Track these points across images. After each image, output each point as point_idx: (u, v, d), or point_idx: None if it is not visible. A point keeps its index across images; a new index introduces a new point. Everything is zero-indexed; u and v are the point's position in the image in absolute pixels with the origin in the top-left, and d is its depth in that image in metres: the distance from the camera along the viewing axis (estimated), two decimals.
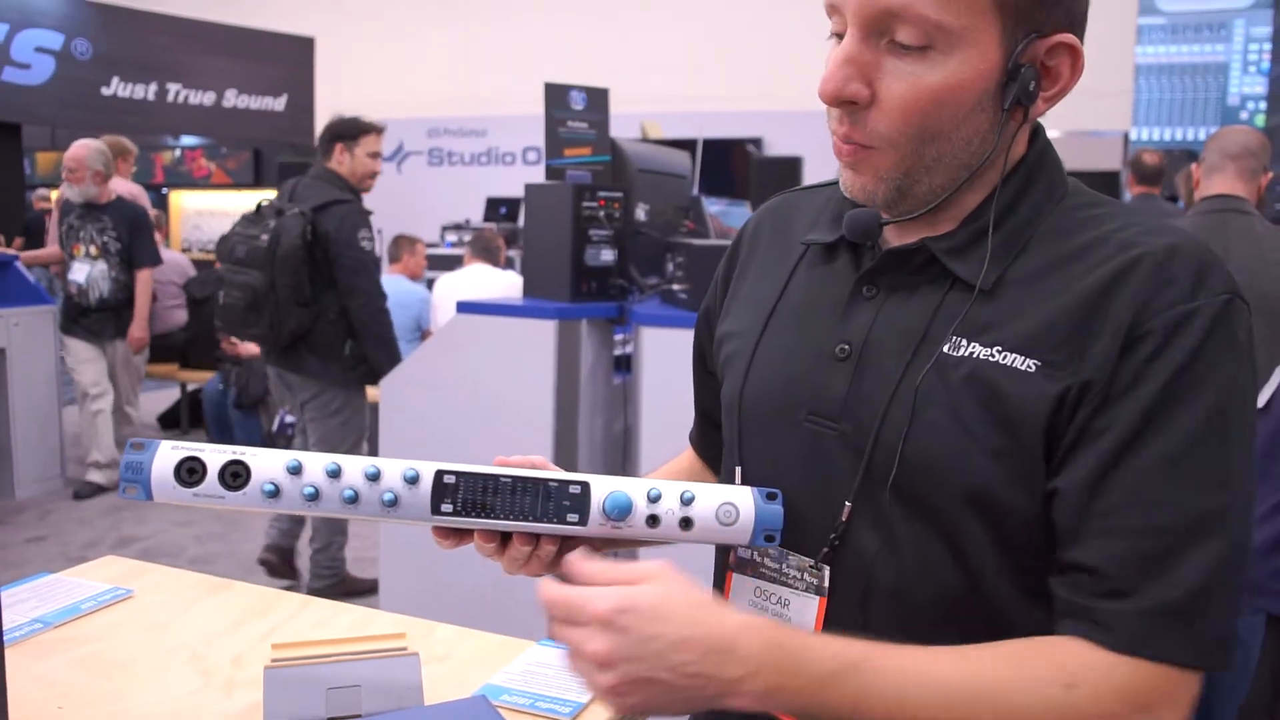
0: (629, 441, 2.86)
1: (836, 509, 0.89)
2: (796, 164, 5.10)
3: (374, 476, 0.86)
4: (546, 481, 0.87)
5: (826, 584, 0.91)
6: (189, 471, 0.84)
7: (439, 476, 0.86)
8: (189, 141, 10.38)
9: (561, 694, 1.07)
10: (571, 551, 0.87)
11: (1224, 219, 2.45)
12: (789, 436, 0.93)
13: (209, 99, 8.14)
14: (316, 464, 0.85)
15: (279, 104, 8.56)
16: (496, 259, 5.19)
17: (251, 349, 5.62)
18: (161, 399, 7.03)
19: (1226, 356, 0.78)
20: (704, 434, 1.18)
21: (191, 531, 4.68)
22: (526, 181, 3.05)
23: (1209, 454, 0.78)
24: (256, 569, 3.94)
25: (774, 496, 0.89)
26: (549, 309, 2.74)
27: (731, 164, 8.08)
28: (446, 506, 0.86)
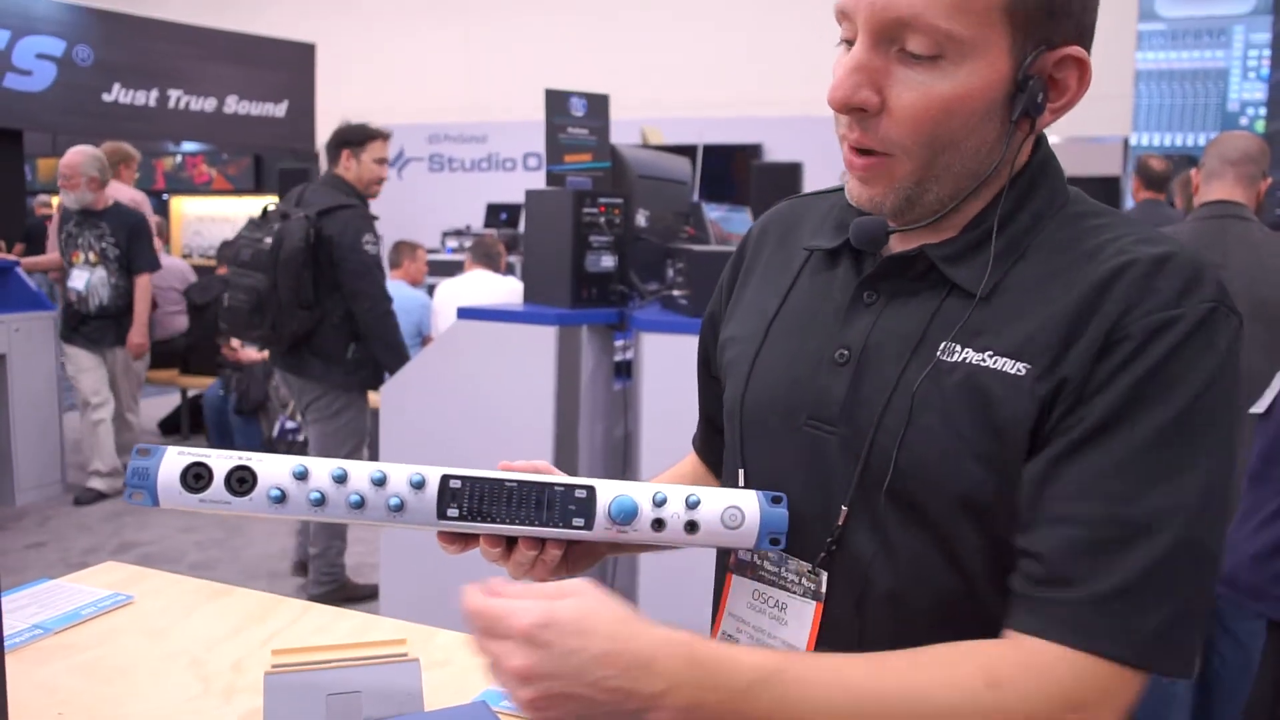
0: (629, 447, 2.86)
1: (835, 513, 0.89)
2: (797, 170, 5.10)
3: (380, 481, 0.85)
4: (552, 486, 0.87)
5: (824, 589, 0.91)
6: (195, 477, 0.84)
7: (445, 481, 0.86)
8: (190, 147, 10.39)
9: None
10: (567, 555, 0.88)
11: (1222, 225, 2.45)
12: (789, 441, 0.93)
13: (210, 105, 8.15)
14: (322, 469, 0.85)
15: (280, 110, 8.58)
16: (497, 265, 5.20)
17: (252, 355, 5.62)
18: (162, 405, 7.03)
19: (1203, 362, 0.78)
20: (708, 439, 1.18)
21: (192, 537, 4.68)
22: (527, 187, 3.06)
23: (1171, 454, 0.77)
24: (257, 575, 3.94)
25: (779, 500, 0.89)
26: (549, 315, 2.74)
27: (732, 170, 8.09)
28: (452, 511, 0.86)
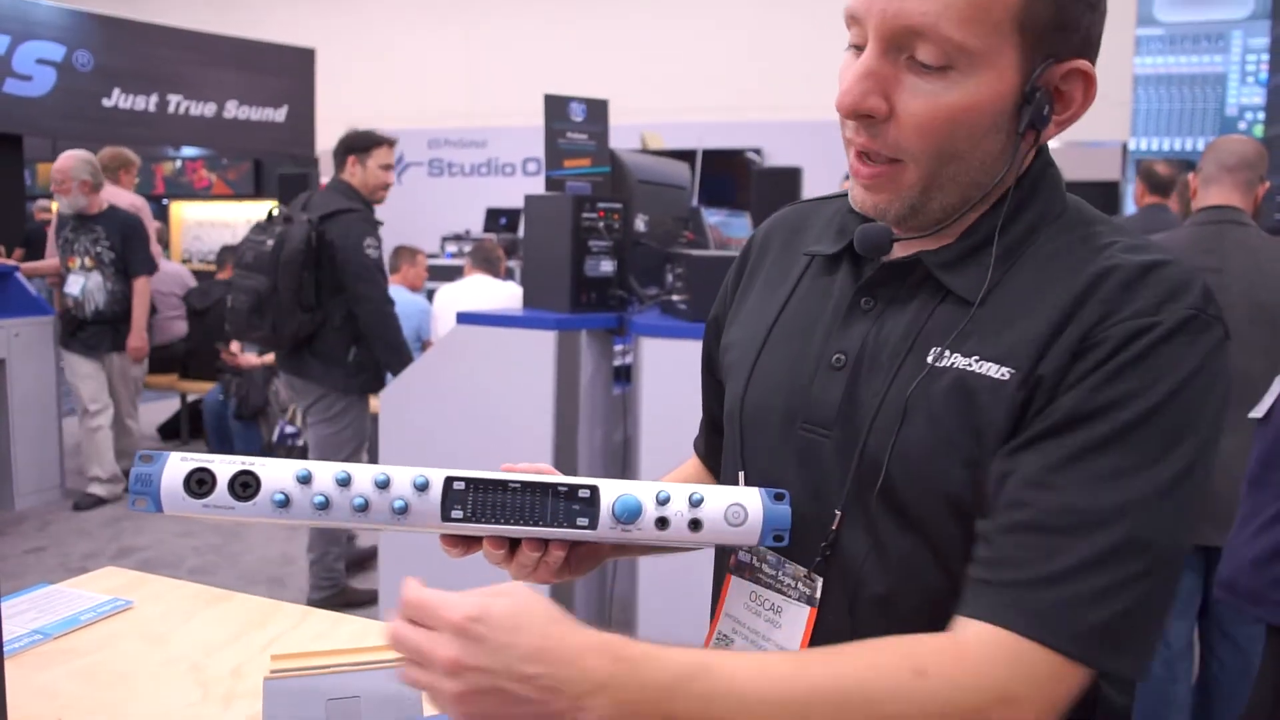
0: (628, 452, 2.86)
1: (829, 517, 0.90)
2: (796, 174, 5.10)
3: (384, 484, 0.85)
4: (555, 486, 0.87)
5: (818, 594, 0.92)
6: (198, 483, 0.84)
7: (449, 483, 0.86)
8: (190, 152, 10.39)
9: None
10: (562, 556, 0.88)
11: (1220, 230, 2.45)
12: (787, 444, 0.94)
13: (210, 110, 8.16)
14: (326, 473, 0.85)
15: (280, 115, 8.58)
16: (497, 270, 5.20)
17: (251, 360, 5.63)
18: (162, 410, 7.03)
19: (1174, 367, 0.78)
20: (710, 441, 1.18)
21: (191, 543, 4.68)
22: (526, 192, 3.06)
23: (1132, 454, 0.77)
24: (256, 580, 3.94)
25: (781, 497, 0.90)
26: (549, 320, 2.74)
27: (731, 175, 8.10)
28: (456, 513, 0.86)
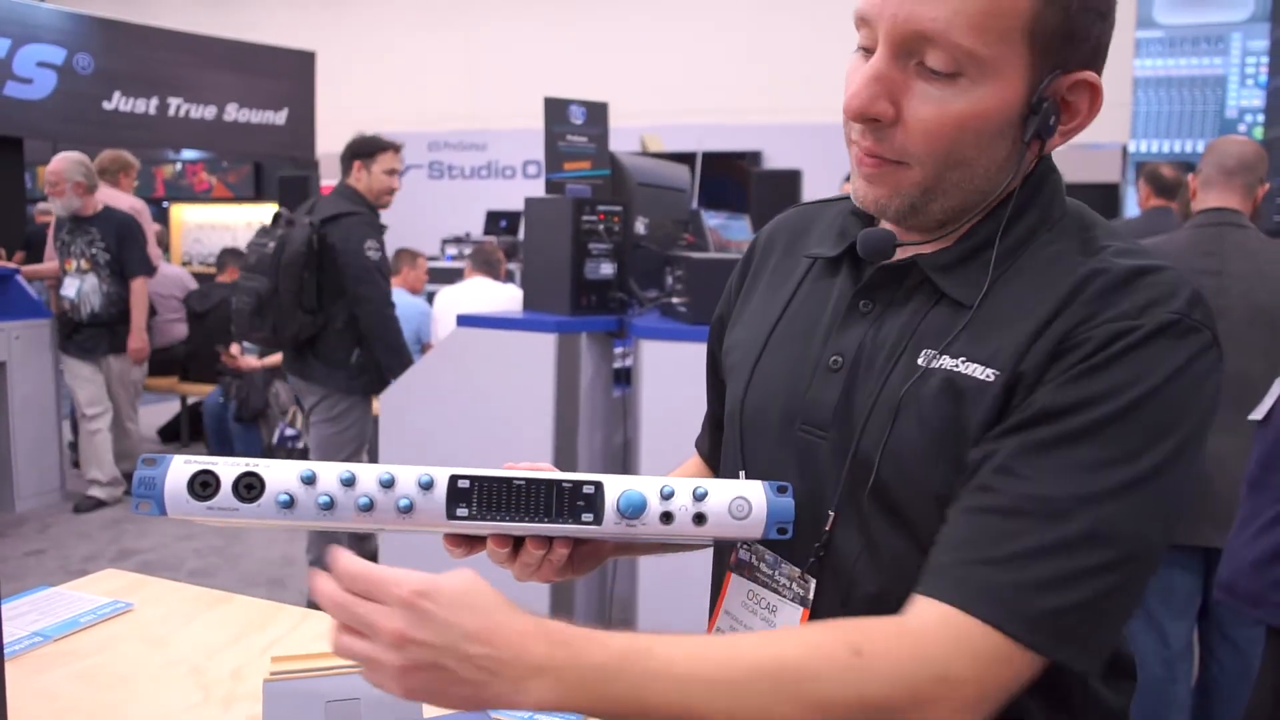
0: (628, 454, 2.86)
1: (824, 518, 0.90)
2: (796, 177, 5.12)
3: (388, 483, 0.85)
4: (560, 482, 0.87)
5: (811, 595, 0.92)
6: (202, 485, 0.83)
7: (453, 481, 0.86)
8: (190, 155, 10.39)
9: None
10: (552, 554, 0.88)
11: (1220, 232, 2.45)
12: (785, 446, 0.95)
13: (210, 113, 8.16)
14: (330, 473, 0.85)
15: (280, 118, 8.58)
16: (497, 272, 5.20)
17: (252, 362, 5.63)
18: (162, 412, 7.03)
19: (1152, 369, 0.78)
20: (714, 439, 1.18)
21: (191, 545, 4.68)
22: (526, 195, 3.06)
23: (1100, 450, 0.77)
24: (256, 582, 3.94)
25: (784, 490, 0.90)
26: (549, 322, 2.74)
27: (731, 177, 8.10)
28: (462, 511, 0.86)
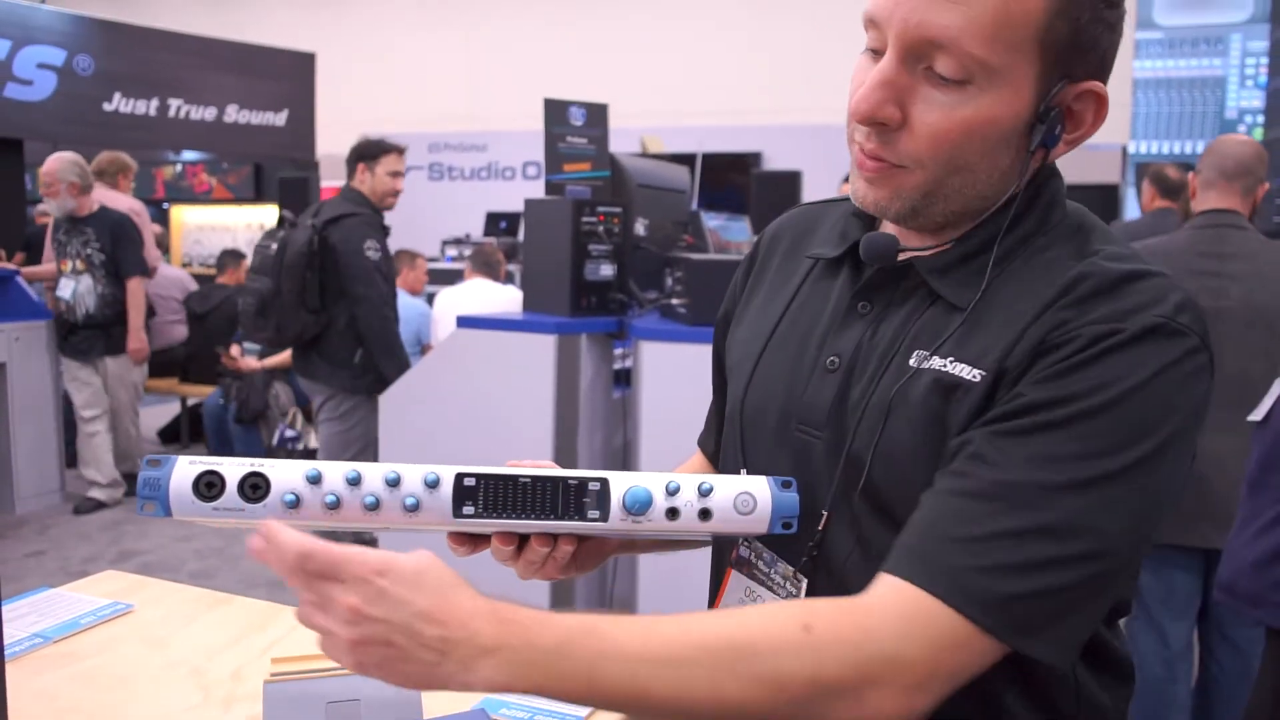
0: (628, 455, 2.86)
1: (818, 517, 0.91)
2: (796, 178, 5.11)
3: (394, 482, 0.85)
4: (566, 479, 0.87)
5: (804, 594, 0.93)
6: (207, 485, 0.83)
7: (459, 479, 0.86)
8: (190, 157, 10.38)
9: (561, 708, 1.08)
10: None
11: (1220, 233, 2.46)
12: (783, 445, 0.96)
13: (210, 114, 8.16)
14: (336, 472, 0.84)
15: (280, 119, 8.58)
16: (497, 273, 5.20)
17: (252, 364, 5.63)
18: (162, 413, 7.03)
19: (1136, 368, 0.78)
20: (718, 438, 1.18)
21: (191, 546, 4.68)
22: (527, 196, 3.07)
23: (1073, 445, 0.77)
24: (256, 583, 3.94)
25: (789, 485, 0.90)
26: (549, 323, 2.75)
27: (731, 178, 8.10)
28: (468, 509, 0.86)
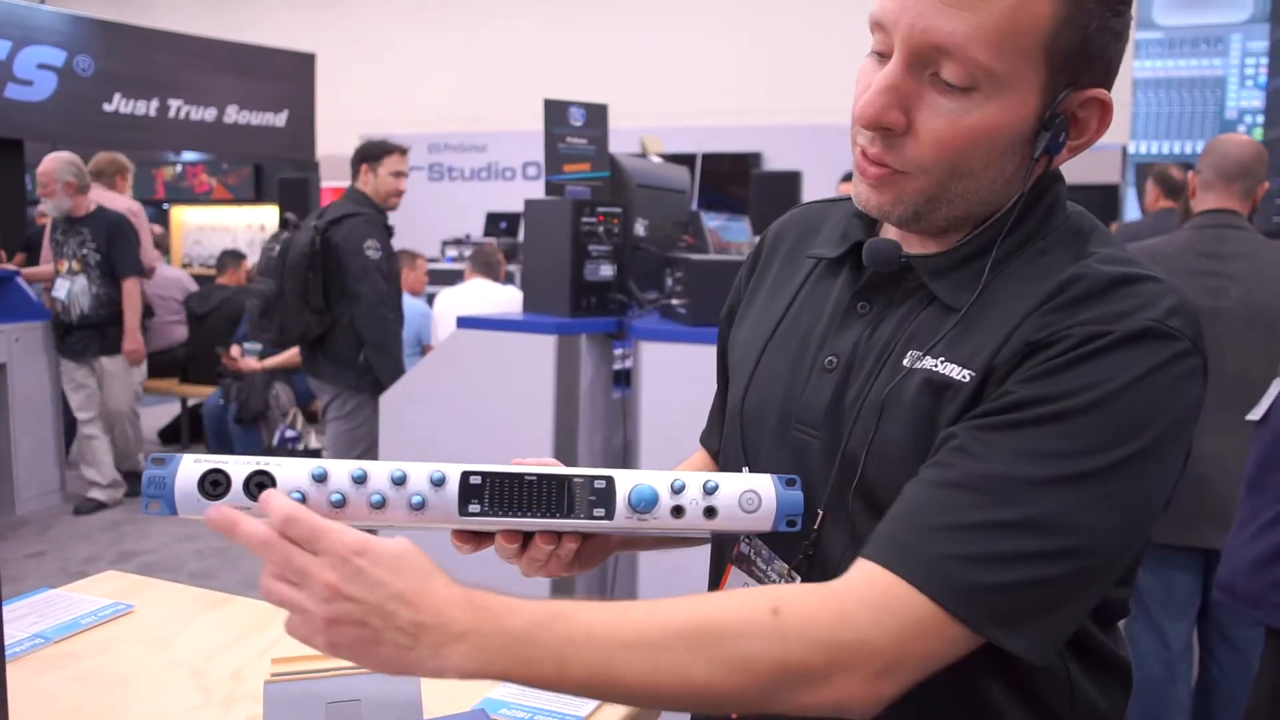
0: (628, 455, 2.86)
1: (814, 516, 0.91)
2: (796, 178, 5.12)
3: (400, 480, 0.85)
4: (571, 478, 0.87)
5: None
6: (213, 484, 0.83)
7: (465, 477, 0.86)
8: (190, 157, 10.39)
9: (561, 708, 1.08)
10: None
11: (1220, 234, 2.46)
12: (782, 445, 0.96)
13: (210, 115, 8.16)
14: (341, 470, 0.84)
15: (280, 120, 8.58)
16: (497, 274, 5.20)
17: (252, 364, 5.63)
18: (162, 414, 7.03)
19: (1124, 370, 0.78)
20: (722, 434, 1.19)
21: (192, 546, 4.68)
22: (526, 197, 3.06)
23: (1061, 439, 0.77)
24: (256, 584, 3.93)
25: (793, 483, 0.90)
26: (549, 324, 2.74)
27: (731, 178, 8.10)
28: (474, 507, 0.86)
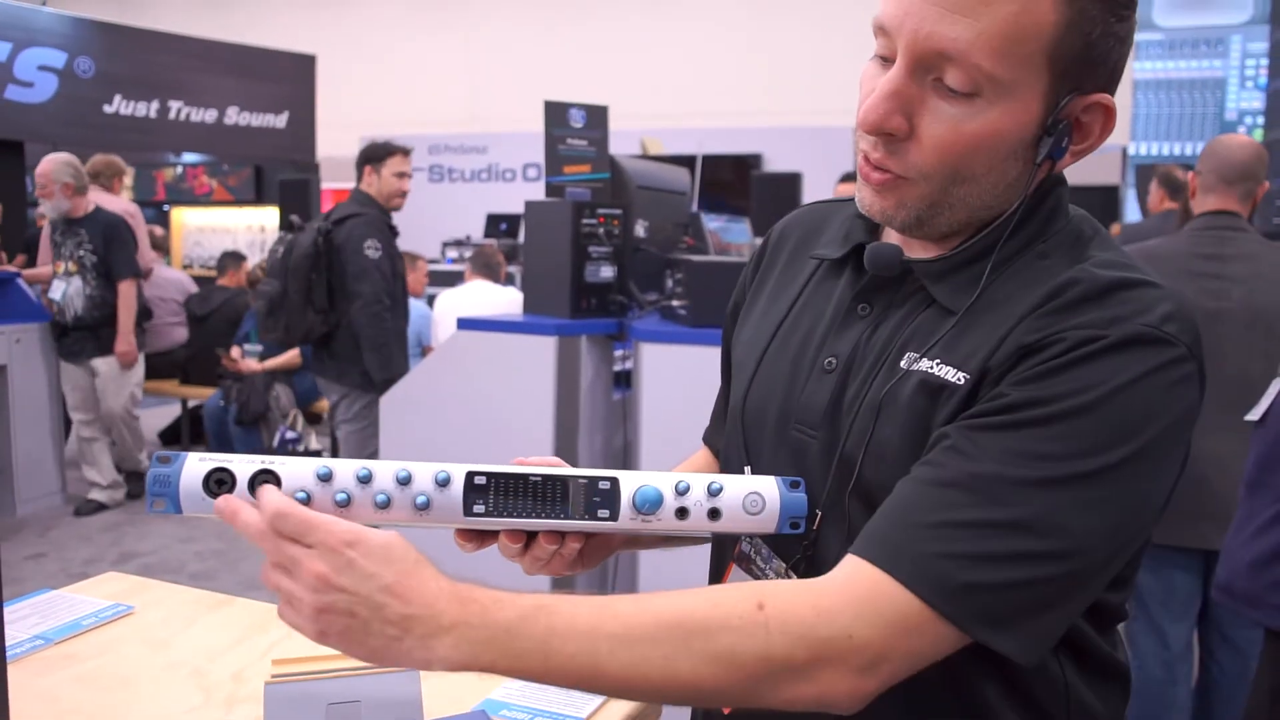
0: (628, 457, 2.86)
1: (812, 516, 0.91)
2: (796, 180, 5.12)
3: (405, 480, 0.85)
4: (576, 479, 0.88)
5: None
6: (218, 482, 0.83)
7: (470, 478, 0.86)
8: (191, 159, 10.38)
9: (561, 709, 1.08)
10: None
11: (1220, 235, 2.46)
12: (782, 445, 0.96)
13: (211, 116, 8.17)
14: (346, 469, 0.85)
15: (280, 121, 8.59)
16: (497, 275, 5.20)
17: (252, 365, 5.63)
18: (162, 415, 7.04)
19: (1116, 374, 0.78)
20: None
21: (192, 548, 4.68)
22: (527, 198, 3.07)
23: (1052, 441, 0.77)
24: (257, 585, 3.93)
25: (797, 485, 0.90)
26: (549, 325, 2.75)
27: (731, 180, 8.11)
28: (478, 507, 0.86)
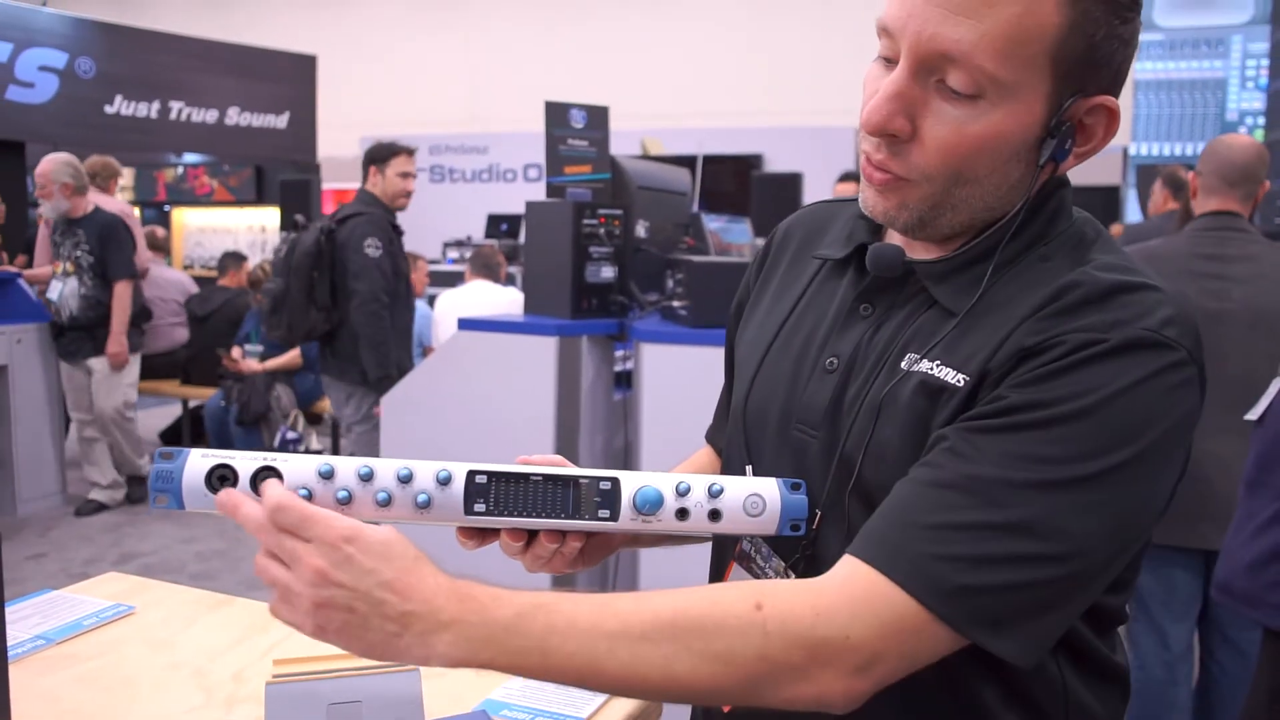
0: (629, 457, 2.86)
1: (812, 516, 0.92)
2: (796, 180, 5.13)
3: (406, 478, 0.85)
4: (577, 479, 0.88)
5: None
6: (220, 479, 0.83)
7: (471, 476, 0.86)
8: (191, 159, 10.39)
9: (561, 709, 1.08)
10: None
11: (1222, 236, 2.46)
12: (783, 444, 0.96)
13: (211, 117, 8.18)
14: (348, 467, 0.85)
15: (281, 122, 8.59)
16: (498, 275, 5.20)
17: (253, 365, 5.63)
18: (163, 415, 7.04)
19: (1116, 378, 0.78)
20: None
21: (193, 548, 4.68)
22: (527, 198, 3.07)
23: (1051, 444, 0.77)
24: (257, 585, 3.93)
25: (798, 486, 0.91)
26: (550, 325, 2.75)
27: (731, 180, 8.11)
28: (479, 506, 0.86)
